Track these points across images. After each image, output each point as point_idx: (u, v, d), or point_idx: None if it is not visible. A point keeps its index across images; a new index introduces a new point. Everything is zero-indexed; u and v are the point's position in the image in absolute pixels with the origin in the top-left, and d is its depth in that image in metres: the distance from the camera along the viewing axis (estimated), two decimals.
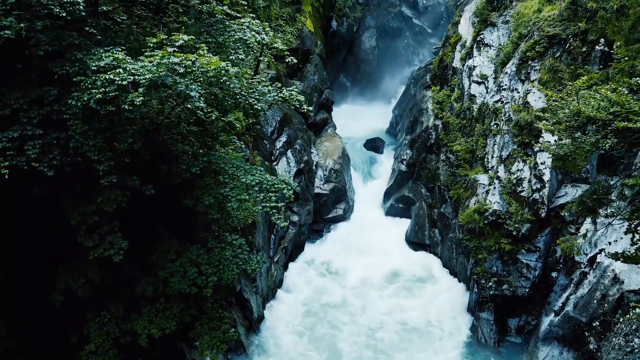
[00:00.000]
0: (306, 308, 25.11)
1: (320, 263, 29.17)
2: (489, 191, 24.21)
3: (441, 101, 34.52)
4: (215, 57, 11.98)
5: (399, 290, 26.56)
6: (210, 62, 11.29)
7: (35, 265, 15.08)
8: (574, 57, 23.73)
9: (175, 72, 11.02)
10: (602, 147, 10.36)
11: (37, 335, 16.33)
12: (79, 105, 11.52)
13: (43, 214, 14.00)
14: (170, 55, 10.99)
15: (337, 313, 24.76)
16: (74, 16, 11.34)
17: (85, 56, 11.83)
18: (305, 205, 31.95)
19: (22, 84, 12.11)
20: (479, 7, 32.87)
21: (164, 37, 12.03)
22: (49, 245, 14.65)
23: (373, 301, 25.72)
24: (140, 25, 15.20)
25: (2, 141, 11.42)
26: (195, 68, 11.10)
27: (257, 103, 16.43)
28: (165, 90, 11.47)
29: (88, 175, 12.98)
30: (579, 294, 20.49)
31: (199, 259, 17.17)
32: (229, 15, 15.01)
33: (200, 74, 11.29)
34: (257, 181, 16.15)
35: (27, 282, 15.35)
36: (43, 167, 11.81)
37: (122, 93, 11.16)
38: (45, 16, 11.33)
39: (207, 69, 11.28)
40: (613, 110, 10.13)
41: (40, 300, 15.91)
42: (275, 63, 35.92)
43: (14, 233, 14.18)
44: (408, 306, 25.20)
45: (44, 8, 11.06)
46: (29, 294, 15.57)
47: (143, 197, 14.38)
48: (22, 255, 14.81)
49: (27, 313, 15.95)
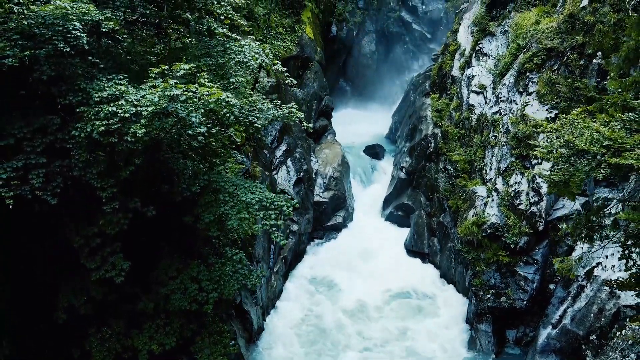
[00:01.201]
0: (306, 320, 25.23)
1: (319, 274, 29.22)
2: (487, 203, 24.38)
3: (440, 109, 34.70)
4: (216, 86, 12.15)
5: (397, 306, 26.47)
6: (211, 92, 11.46)
7: (38, 284, 15.25)
8: (572, 70, 23.90)
9: (177, 102, 11.17)
10: (596, 176, 10.56)
11: (40, 351, 16.51)
12: (82, 136, 11.70)
13: (45, 235, 14.17)
14: (172, 87, 11.16)
15: (335, 326, 24.84)
16: (77, 49, 11.52)
17: (88, 85, 12.01)
18: (305, 214, 32.12)
19: (25, 111, 12.29)
20: (477, 17, 33.05)
21: (165, 67, 12.21)
22: (51, 265, 14.81)
23: (371, 315, 25.72)
24: (141, 43, 15.32)
25: (7, 171, 11.60)
26: (197, 99, 11.28)
27: (257, 121, 16.61)
28: (167, 121, 11.64)
29: (90, 199, 13.15)
30: (576, 307, 20.68)
31: (200, 275, 17.37)
32: (229, 37, 15.17)
33: (201, 105, 11.47)
34: (257, 199, 16.32)
35: (30, 300, 15.52)
36: (47, 195, 11.99)
37: (125, 125, 11.33)
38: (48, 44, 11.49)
39: (207, 100, 11.45)
40: (606, 144, 10.32)
41: (43, 318, 16.09)
42: (275, 71, 36.09)
43: (17, 254, 14.34)
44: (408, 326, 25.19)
45: (47, 42, 11.24)
46: (32, 312, 15.74)
47: (144, 217, 14.55)
48: (24, 275, 14.97)
49: (30, 330, 16.12)
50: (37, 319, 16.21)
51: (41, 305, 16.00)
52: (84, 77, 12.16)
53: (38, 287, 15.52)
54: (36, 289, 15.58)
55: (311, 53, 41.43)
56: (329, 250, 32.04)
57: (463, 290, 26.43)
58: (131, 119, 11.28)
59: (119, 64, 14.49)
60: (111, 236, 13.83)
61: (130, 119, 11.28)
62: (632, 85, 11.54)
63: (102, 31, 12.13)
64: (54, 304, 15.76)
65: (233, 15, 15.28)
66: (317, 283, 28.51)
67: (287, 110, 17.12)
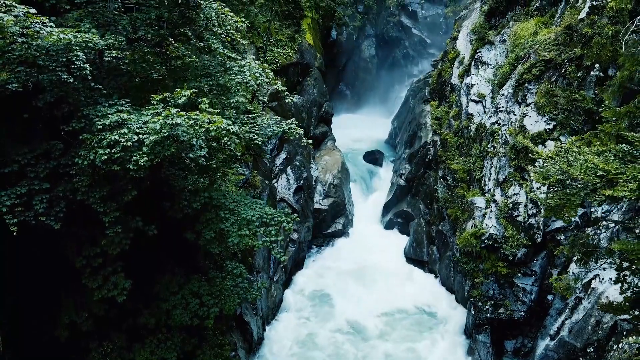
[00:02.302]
0: (305, 331, 25.35)
1: (319, 284, 29.21)
2: (486, 215, 24.54)
3: (439, 117, 34.86)
4: (217, 110, 12.29)
5: (396, 319, 26.50)
6: (212, 120, 11.60)
7: (40, 301, 15.40)
8: (570, 82, 24.02)
9: (179, 128, 11.32)
10: (591, 202, 10.73)
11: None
12: (85, 164, 11.86)
13: (47, 255, 14.33)
14: (174, 116, 11.32)
15: (334, 340, 24.92)
16: (80, 79, 11.68)
17: (91, 112, 12.17)
18: (305, 222, 32.27)
19: (29, 135, 12.45)
20: (476, 25, 33.18)
21: (167, 94, 12.36)
22: (53, 283, 14.97)
23: (369, 327, 25.80)
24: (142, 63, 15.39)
25: (11, 198, 11.76)
26: (198, 126, 11.44)
27: (258, 137, 16.77)
28: (168, 148, 11.80)
29: (93, 221, 13.30)
30: (574, 319, 20.83)
31: (201, 290, 17.55)
32: (230, 56, 15.32)
33: (202, 132, 11.63)
34: (257, 215, 16.47)
35: (32, 318, 15.67)
36: (50, 220, 12.16)
37: (127, 153, 11.49)
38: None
39: (208, 128, 11.61)
40: (600, 173, 10.49)
41: (46, 332, 16.24)
42: (275, 78, 36.25)
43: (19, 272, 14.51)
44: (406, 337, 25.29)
45: (51, 74, 11.40)
46: (34, 329, 15.89)
47: (146, 235, 14.71)
48: (27, 292, 15.13)
49: (33, 344, 16.27)
50: (39, 333, 16.37)
51: (43, 321, 16.15)
52: (87, 103, 12.32)
53: (40, 304, 15.66)
54: (38, 305, 15.72)
55: (311, 59, 41.57)
56: (329, 258, 32.22)
57: (462, 300, 26.59)
58: (133, 146, 11.44)
59: (121, 83, 14.64)
60: (113, 255, 13.98)
61: (133, 146, 11.44)
62: (625, 114, 11.68)
63: (105, 59, 12.28)
64: (56, 320, 15.91)
65: (234, 34, 15.42)
66: (316, 294, 28.46)
67: (287, 126, 17.26)
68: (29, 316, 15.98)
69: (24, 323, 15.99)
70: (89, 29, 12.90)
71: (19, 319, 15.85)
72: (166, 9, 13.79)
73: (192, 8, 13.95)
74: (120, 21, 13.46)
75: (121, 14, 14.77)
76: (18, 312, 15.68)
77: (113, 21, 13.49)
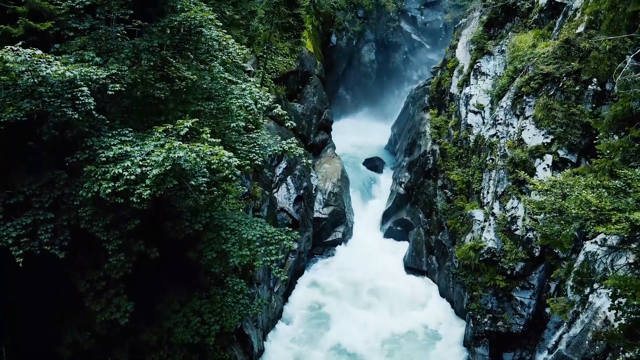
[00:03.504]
0: (305, 344, 25.50)
1: (317, 299, 29.21)
2: (484, 228, 24.73)
3: (439, 126, 35.07)
4: (218, 142, 12.50)
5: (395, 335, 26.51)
6: (214, 152, 11.80)
7: (43, 322, 15.58)
8: (568, 96, 24.21)
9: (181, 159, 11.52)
10: (586, 232, 10.94)
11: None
12: (90, 196, 12.05)
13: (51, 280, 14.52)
14: (176, 149, 11.51)
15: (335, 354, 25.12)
16: (84, 114, 11.87)
17: (95, 142, 12.36)
18: (305, 232, 32.44)
19: (33, 164, 12.64)
20: (475, 35, 33.36)
21: (169, 126, 12.56)
22: (56, 305, 15.16)
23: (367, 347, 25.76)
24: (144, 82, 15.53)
25: (17, 229, 11.95)
26: (200, 158, 11.63)
27: (258, 158, 16.95)
28: (171, 180, 12.00)
29: (96, 247, 13.49)
30: (572, 333, 21.00)
31: (202, 308, 17.73)
32: (231, 80, 15.51)
33: (204, 165, 11.82)
34: (258, 235, 16.65)
35: (35, 337, 15.85)
36: (55, 249, 12.35)
37: (131, 186, 11.68)
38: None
39: (210, 161, 11.81)
40: (594, 209, 10.69)
41: (48, 352, 16.42)
42: (275, 86, 36.47)
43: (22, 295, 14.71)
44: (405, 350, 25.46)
45: (57, 110, 11.59)
46: (37, 348, 16.07)
47: (148, 258, 14.90)
48: (30, 315, 15.32)
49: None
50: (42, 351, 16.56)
51: (47, 340, 16.34)
52: (90, 133, 12.51)
53: (43, 324, 15.84)
54: (42, 326, 15.90)
55: (311, 67, 41.75)
56: (329, 268, 32.35)
57: (461, 311, 26.78)
58: (137, 179, 11.63)
59: (123, 106, 14.82)
60: (116, 278, 14.17)
61: (136, 179, 11.63)
62: (619, 148, 11.89)
63: (109, 93, 12.46)
64: (59, 341, 16.09)
65: (236, 57, 15.60)
66: (314, 309, 28.39)
67: (287, 146, 17.45)
68: (32, 336, 16.16)
69: (27, 342, 16.17)
70: (92, 57, 13.10)
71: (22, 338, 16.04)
72: (168, 36, 13.98)
73: (193, 35, 14.12)
74: (123, 49, 13.63)
75: (124, 36, 14.97)
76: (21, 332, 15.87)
77: (116, 49, 13.65)
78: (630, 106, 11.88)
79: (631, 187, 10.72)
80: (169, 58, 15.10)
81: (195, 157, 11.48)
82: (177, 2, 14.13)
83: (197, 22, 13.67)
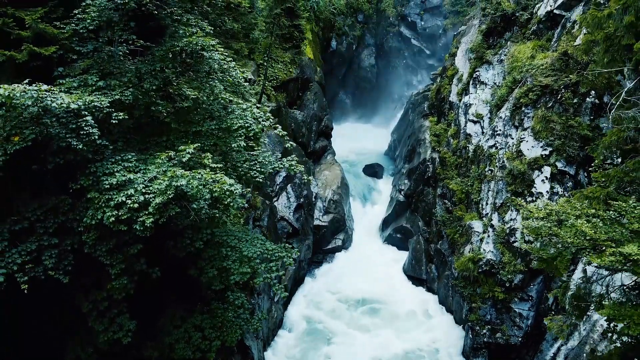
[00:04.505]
0: (304, 357, 25.63)
1: (315, 309, 29.28)
2: (483, 239, 24.91)
3: (438, 134, 35.25)
4: (220, 166, 12.69)
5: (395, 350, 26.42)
6: (216, 180, 11.98)
7: (46, 340, 15.77)
8: (566, 108, 24.41)
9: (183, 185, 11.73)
10: (581, 258, 11.13)
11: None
12: (94, 223, 12.24)
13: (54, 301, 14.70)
14: (179, 177, 11.69)
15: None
16: (89, 143, 12.06)
17: (99, 169, 12.54)
18: (305, 240, 32.62)
19: (38, 189, 12.82)
20: (475, 44, 33.55)
21: (172, 152, 12.74)
22: (59, 324, 15.33)
23: None
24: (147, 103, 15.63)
25: (22, 255, 12.13)
26: (202, 186, 11.82)
27: (259, 175, 17.12)
28: (173, 207, 12.20)
29: (99, 269, 13.68)
30: (570, 346, 21.19)
31: (203, 324, 17.89)
32: (232, 101, 15.69)
33: (207, 192, 11.99)
34: (258, 252, 16.84)
35: (38, 353, 16.03)
36: (59, 274, 12.54)
37: (134, 214, 11.87)
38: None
39: (212, 189, 11.99)
40: (588, 238, 10.88)
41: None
42: (275, 94, 36.66)
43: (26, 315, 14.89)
44: None
45: (62, 141, 11.76)
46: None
47: (150, 278, 15.09)
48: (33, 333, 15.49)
49: None
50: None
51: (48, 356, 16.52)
52: (94, 159, 12.69)
53: (46, 341, 16.02)
54: (44, 342, 16.08)
55: (311, 74, 41.92)
56: (329, 277, 32.43)
57: (460, 321, 26.93)
58: (140, 206, 11.82)
59: (126, 127, 14.98)
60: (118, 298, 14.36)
61: (139, 207, 11.83)
62: (614, 178, 12.07)
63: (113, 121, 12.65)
64: (62, 355, 16.27)
65: (237, 78, 15.78)
66: (314, 322, 28.14)
67: (288, 163, 17.61)
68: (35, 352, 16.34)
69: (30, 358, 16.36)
70: (95, 81, 13.27)
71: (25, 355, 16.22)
72: (170, 61, 14.15)
73: (195, 58, 14.30)
74: (126, 74, 13.79)
75: (126, 55, 15.14)
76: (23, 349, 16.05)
77: (119, 72, 13.82)
78: (625, 136, 12.07)
79: (625, 218, 10.91)
80: (172, 78, 15.28)
81: (197, 184, 11.66)
82: (179, 28, 14.31)
83: (198, 47, 13.86)
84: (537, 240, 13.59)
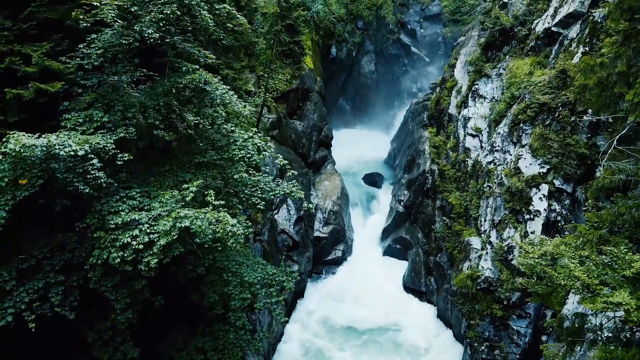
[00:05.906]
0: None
1: (316, 319, 29.63)
2: (482, 256, 25.18)
3: (438, 146, 35.51)
4: (222, 206, 12.98)
5: None
6: (219, 219, 12.27)
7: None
8: (563, 126, 24.64)
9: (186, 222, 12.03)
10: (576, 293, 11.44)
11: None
12: (99, 262, 12.53)
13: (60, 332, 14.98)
14: (182, 218, 11.97)
15: None
16: (95, 187, 12.36)
17: (104, 207, 12.83)
18: (305, 252, 32.88)
19: (44, 226, 13.10)
20: (473, 57, 33.80)
21: (175, 192, 13.02)
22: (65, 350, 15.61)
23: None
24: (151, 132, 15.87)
25: (29, 293, 12.41)
26: (205, 227, 12.10)
27: (260, 202, 17.40)
28: (177, 247, 12.49)
29: (104, 301, 13.96)
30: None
31: (205, 346, 18.21)
32: (234, 131, 15.96)
33: (210, 232, 12.27)
34: (259, 278, 17.15)
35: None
36: (65, 311, 12.83)
37: (139, 254, 12.16)
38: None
39: (214, 230, 12.28)
40: (581, 281, 11.15)
41: None
42: (276, 105, 36.92)
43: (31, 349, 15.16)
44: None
45: (69, 185, 12.05)
46: None
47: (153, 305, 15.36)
48: None
49: None
50: None
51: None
52: (99, 197, 12.96)
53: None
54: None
55: (311, 84, 42.15)
56: (328, 289, 32.69)
57: (459, 336, 27.21)
58: (144, 247, 12.11)
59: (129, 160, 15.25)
60: None
61: (144, 248, 12.11)
62: (607, 219, 12.33)
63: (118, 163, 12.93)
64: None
65: (239, 107, 16.04)
66: (313, 334, 28.74)
67: (289, 189, 17.88)
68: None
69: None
70: (100, 117, 13.54)
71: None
72: (173, 96, 14.42)
73: (198, 92, 14.57)
74: (130, 109, 14.05)
75: (130, 85, 15.42)
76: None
77: (123, 106, 14.08)
78: (617, 180, 12.33)
79: (617, 264, 11.17)
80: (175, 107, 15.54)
81: (200, 224, 11.94)
82: (182, 64, 14.57)
83: (201, 84, 14.14)
84: (532, 275, 13.87)
